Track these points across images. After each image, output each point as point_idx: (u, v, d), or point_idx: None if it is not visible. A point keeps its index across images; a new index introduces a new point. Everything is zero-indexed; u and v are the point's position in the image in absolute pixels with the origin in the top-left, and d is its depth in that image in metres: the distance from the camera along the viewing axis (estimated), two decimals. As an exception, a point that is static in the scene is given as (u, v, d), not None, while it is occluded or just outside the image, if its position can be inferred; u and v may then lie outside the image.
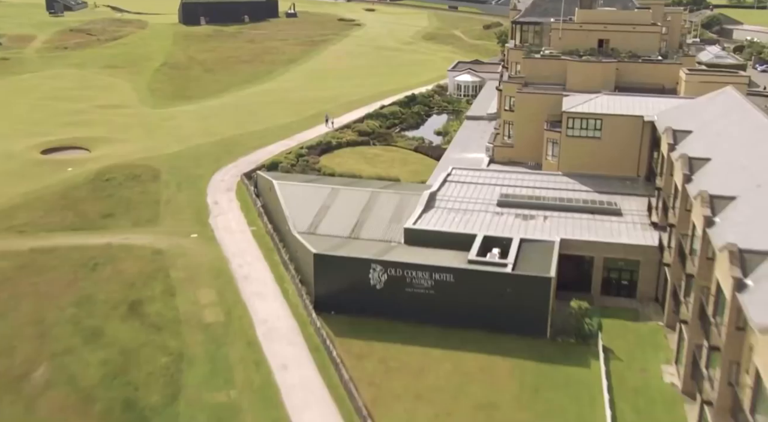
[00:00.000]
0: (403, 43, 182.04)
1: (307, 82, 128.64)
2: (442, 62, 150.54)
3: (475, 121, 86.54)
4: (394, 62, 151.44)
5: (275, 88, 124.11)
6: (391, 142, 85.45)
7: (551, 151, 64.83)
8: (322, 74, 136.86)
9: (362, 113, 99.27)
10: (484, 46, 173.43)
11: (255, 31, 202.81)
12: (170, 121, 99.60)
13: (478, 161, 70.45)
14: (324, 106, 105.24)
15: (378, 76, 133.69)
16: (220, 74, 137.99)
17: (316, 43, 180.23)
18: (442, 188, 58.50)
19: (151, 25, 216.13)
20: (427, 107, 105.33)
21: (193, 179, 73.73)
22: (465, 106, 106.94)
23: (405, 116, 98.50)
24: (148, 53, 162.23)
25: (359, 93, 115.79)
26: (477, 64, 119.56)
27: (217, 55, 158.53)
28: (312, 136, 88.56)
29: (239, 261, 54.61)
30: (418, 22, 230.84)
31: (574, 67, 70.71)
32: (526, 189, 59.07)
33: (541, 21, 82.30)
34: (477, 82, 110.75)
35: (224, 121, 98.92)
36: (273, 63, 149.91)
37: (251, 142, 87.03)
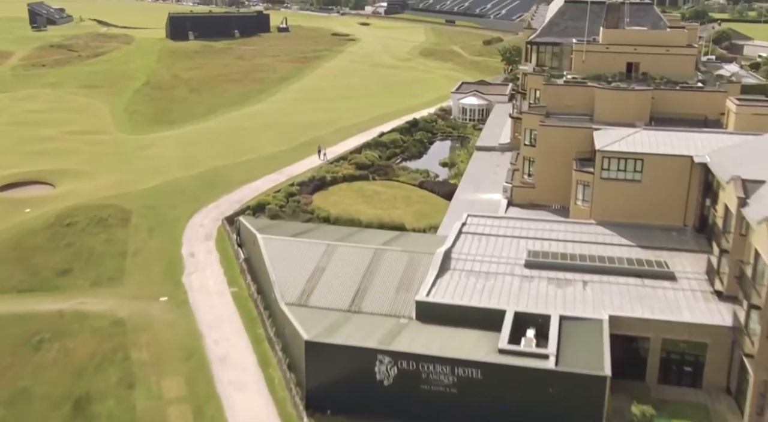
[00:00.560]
0: (400, 59, 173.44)
1: (299, 104, 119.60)
2: (443, 81, 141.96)
3: (487, 152, 77.54)
4: (392, 81, 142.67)
5: (265, 110, 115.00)
6: (393, 177, 76.34)
7: (581, 195, 55.79)
8: (316, 94, 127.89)
9: (359, 141, 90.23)
10: (485, 63, 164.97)
11: (245, 46, 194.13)
12: (148, 150, 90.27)
13: (494, 204, 61.35)
14: (317, 132, 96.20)
15: (375, 97, 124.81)
16: (206, 94, 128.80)
17: (309, 59, 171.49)
18: (457, 242, 49.30)
19: (137, 40, 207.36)
20: (430, 133, 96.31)
21: (168, 223, 64.37)
22: (471, 131, 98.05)
23: (406, 144, 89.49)
24: (131, 71, 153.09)
25: (355, 116, 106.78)
26: (482, 85, 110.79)
27: (204, 73, 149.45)
28: (304, 168, 79.36)
29: (216, 335, 45.22)
30: (414, 37, 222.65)
31: (603, 95, 61.77)
32: (557, 243, 49.96)
33: (560, 41, 73.53)
34: (484, 105, 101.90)
35: (207, 149, 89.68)
36: (263, 82, 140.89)
37: (236, 175, 77.80)
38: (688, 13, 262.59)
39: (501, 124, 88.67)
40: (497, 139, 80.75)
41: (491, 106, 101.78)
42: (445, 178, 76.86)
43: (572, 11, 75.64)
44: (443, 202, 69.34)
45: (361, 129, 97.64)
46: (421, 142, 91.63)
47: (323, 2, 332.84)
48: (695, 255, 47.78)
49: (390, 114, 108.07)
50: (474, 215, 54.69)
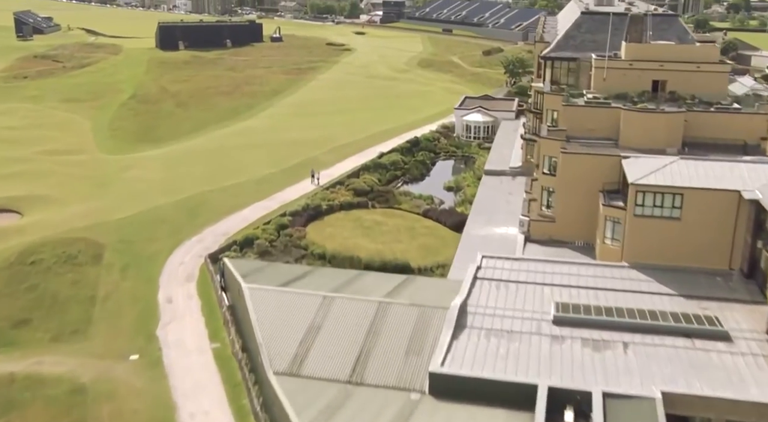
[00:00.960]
0: (397, 70, 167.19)
1: (292, 119, 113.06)
2: (443, 94, 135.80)
3: (496, 176, 71.06)
4: (390, 93, 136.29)
5: (255, 127, 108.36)
6: (394, 204, 69.75)
7: (611, 233, 49.29)
8: (310, 109, 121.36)
9: (357, 162, 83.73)
10: (486, 75, 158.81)
11: (237, 57, 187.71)
12: (128, 172, 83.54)
13: (510, 240, 54.81)
14: (311, 152, 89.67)
15: (372, 112, 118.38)
16: (195, 109, 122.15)
17: (303, 71, 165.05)
18: (473, 292, 42.65)
19: (126, 50, 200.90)
20: (433, 153, 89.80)
21: (145, 260, 57.64)
22: (476, 150, 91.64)
23: (408, 166, 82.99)
24: (117, 83, 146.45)
25: (352, 133, 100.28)
26: (487, 100, 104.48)
27: (193, 86, 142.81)
28: (296, 194, 72.80)
29: (192, 407, 38.50)
30: (411, 46, 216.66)
31: (630, 118, 55.40)
32: (587, 291, 43.41)
33: (577, 57, 67.17)
34: (489, 122, 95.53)
35: (193, 171, 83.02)
36: (255, 95, 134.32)
37: (223, 202, 71.15)
38: (688, 22, 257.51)
39: (510, 144, 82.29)
40: (507, 161, 74.30)
41: (497, 123, 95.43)
42: (452, 206, 70.23)
43: (589, 23, 69.36)
44: (450, 234, 62.86)
45: (358, 148, 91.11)
46: (423, 163, 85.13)
47: (317, 11, 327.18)
48: (748, 307, 41.34)
49: (389, 131, 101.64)
50: (489, 256, 48.04)
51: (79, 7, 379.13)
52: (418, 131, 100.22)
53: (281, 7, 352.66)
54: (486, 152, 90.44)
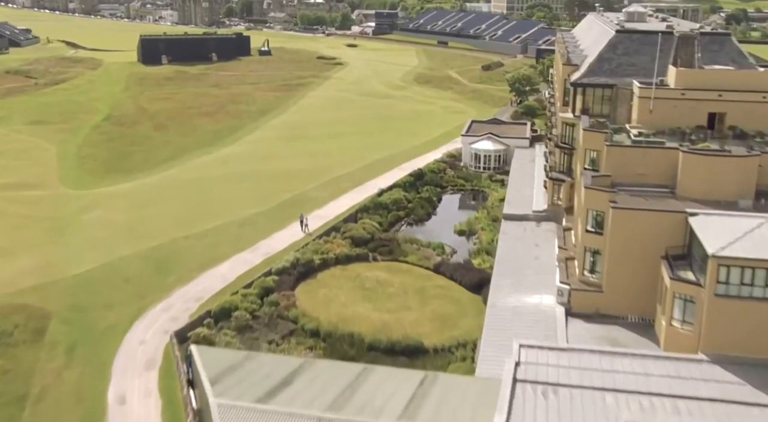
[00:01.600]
0: (393, 87, 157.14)
1: (280, 145, 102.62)
2: (444, 114, 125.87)
3: (517, 222, 60.75)
4: (386, 114, 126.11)
5: (239, 154, 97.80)
6: (399, 255, 59.38)
7: (680, 313, 39.03)
8: (299, 132, 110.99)
9: (354, 200, 73.41)
10: (488, 92, 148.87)
11: (222, 72, 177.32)
12: (91, 212, 72.84)
13: (547, 314, 44.45)
14: (301, 186, 79.35)
15: (368, 135, 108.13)
16: (174, 132, 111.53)
17: (293, 87, 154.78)
18: (514, 405, 32.26)
19: (105, 64, 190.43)
20: (439, 187, 79.49)
21: (98, 337, 47.03)
22: (487, 183, 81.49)
23: (412, 205, 72.63)
24: (91, 102, 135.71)
25: (347, 162, 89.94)
26: (496, 125, 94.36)
27: (174, 105, 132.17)
28: (284, 242, 62.33)
29: None
30: (406, 60, 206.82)
31: (691, 162, 45.34)
32: (661, 400, 33.10)
33: (614, 83, 57.12)
34: (501, 151, 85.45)
35: (165, 211, 72.44)
36: (240, 116, 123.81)
37: (198, 253, 60.66)
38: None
39: (528, 179, 72.09)
40: (529, 203, 64.03)
41: (510, 151, 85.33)
42: (467, 258, 59.76)
43: (627, 44, 59.36)
44: (468, 297, 52.69)
45: (354, 181, 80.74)
46: (429, 200, 74.82)
47: (308, 22, 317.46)
48: None
49: (388, 160, 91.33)
50: (529, 345, 37.63)
51: (62, 19, 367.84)
52: (420, 160, 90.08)
53: (270, 18, 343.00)
54: (498, 185, 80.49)
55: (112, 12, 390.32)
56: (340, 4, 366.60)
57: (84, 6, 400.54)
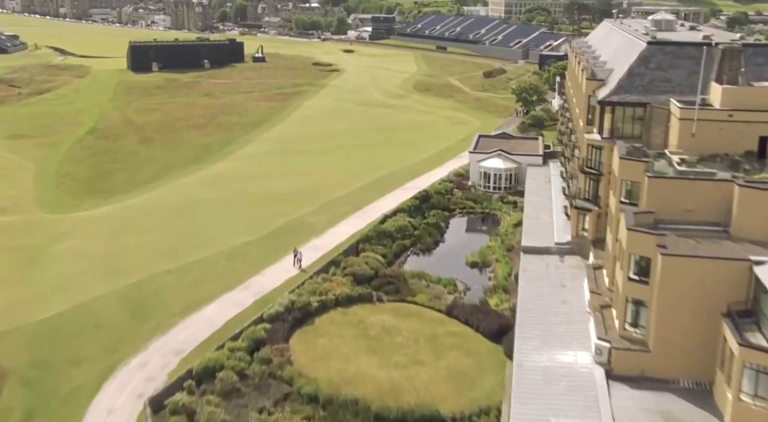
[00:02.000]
0: (392, 95, 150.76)
1: (273, 161, 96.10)
2: (446, 125, 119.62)
3: (538, 256, 54.30)
4: (386, 125, 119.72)
5: (230, 172, 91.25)
6: (407, 295, 52.89)
7: (752, 386, 32.61)
8: (294, 146, 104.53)
9: (354, 226, 66.96)
10: (491, 101, 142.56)
11: (215, 79, 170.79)
12: (65, 242, 66.25)
13: (585, 378, 37.93)
14: (296, 209, 72.90)
15: (367, 149, 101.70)
16: (161, 147, 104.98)
17: (287, 96, 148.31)
18: None
19: (93, 72, 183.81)
20: (446, 211, 73.07)
21: (59, 404, 40.46)
22: (498, 205, 75.09)
23: (418, 232, 66.13)
24: (75, 114, 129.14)
25: (345, 181, 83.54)
26: (506, 140, 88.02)
27: (163, 117, 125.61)
28: (278, 279, 55.80)
29: None
30: (404, 66, 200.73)
31: (750, 197, 39.01)
32: None
33: (647, 101, 50.81)
34: (512, 169, 79.05)
35: (147, 240, 65.90)
36: (231, 128, 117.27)
37: (181, 293, 54.16)
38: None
39: (545, 203, 65.71)
40: (549, 234, 57.61)
41: (522, 170, 78.98)
42: (482, 297, 53.25)
43: (660, 57, 53.07)
44: (487, 348, 46.31)
45: (354, 204, 74.24)
46: (437, 226, 68.33)
47: (303, 27, 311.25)
48: None
49: (389, 178, 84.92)
50: None
51: (53, 24, 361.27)
52: (424, 178, 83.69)
53: (265, 23, 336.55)
54: (510, 207, 74.13)
55: (104, 17, 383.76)
56: (336, 9, 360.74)
57: (75, 11, 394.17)
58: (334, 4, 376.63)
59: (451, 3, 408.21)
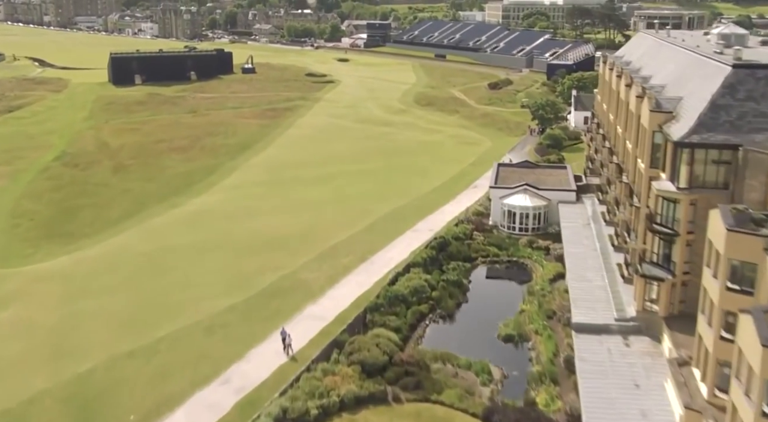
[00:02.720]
0: (392, 111, 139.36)
1: (263, 193, 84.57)
2: (455, 145, 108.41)
3: (595, 336, 42.88)
4: (388, 146, 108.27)
5: (213, 206, 79.63)
6: (431, 392, 41.30)
7: None
8: (286, 174, 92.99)
9: (359, 286, 55.36)
10: (500, 116, 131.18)
11: (201, 93, 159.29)
12: (7, 310, 54.51)
13: None
14: (289, 261, 61.34)
15: (369, 177, 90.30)
16: (137, 176, 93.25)
17: (279, 113, 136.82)
18: None
19: (72, 86, 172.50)
20: (467, 261, 61.49)
21: None
22: (527, 251, 63.67)
23: (436, 292, 54.57)
24: (46, 135, 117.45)
25: (345, 221, 72.12)
26: (529, 169, 76.66)
27: (142, 139, 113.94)
28: (265, 370, 44.00)
29: None
30: (403, 76, 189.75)
31: None
32: None
33: (738, 143, 39.53)
34: (541, 207, 67.63)
35: (107, 305, 54.22)
36: (217, 151, 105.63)
37: (140, 388, 42.50)
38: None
39: (590, 258, 54.34)
40: (604, 303, 46.24)
41: (552, 208, 67.65)
42: (528, 398, 41.58)
43: (752, 85, 41.83)
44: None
45: (358, 253, 62.66)
46: (458, 284, 56.71)
47: (295, 34, 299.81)
48: None
49: (397, 215, 73.49)
50: None
51: (36, 33, 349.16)
52: (437, 217, 72.34)
53: (256, 30, 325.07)
54: (541, 254, 62.78)
55: (90, 25, 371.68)
56: (329, 15, 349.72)
57: (60, 19, 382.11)
58: (327, 10, 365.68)
59: (446, 8, 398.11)
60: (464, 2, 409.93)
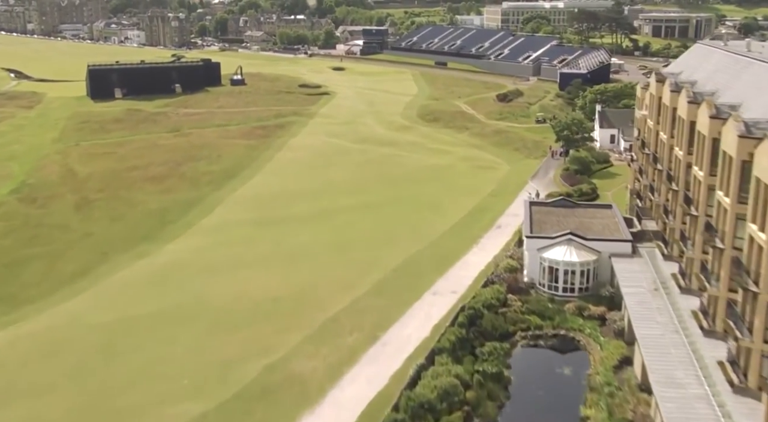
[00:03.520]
0: (395, 127, 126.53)
1: (248, 236, 71.65)
2: (469, 171, 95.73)
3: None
4: (393, 173, 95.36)
5: (189, 255, 66.71)
6: None
7: None
8: (277, 210, 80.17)
9: (368, 384, 42.49)
10: (514, 133, 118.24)
11: (185, 108, 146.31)
12: None
13: None
14: (277, 339, 48.62)
15: (373, 213, 77.56)
16: (102, 214, 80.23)
17: (270, 130, 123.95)
18: None
19: (47, 101, 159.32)
20: (504, 338, 48.48)
21: None
22: (577, 322, 50.78)
23: (471, 392, 41.55)
24: (6, 161, 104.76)
25: (347, 275, 59.43)
26: (568, 209, 63.71)
27: (114, 165, 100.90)
28: None
29: None
30: (403, 87, 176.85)
31: None
32: None
33: None
34: (590, 263, 54.66)
35: (38, 414, 41.01)
36: (198, 181, 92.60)
37: None
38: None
39: (675, 345, 41.37)
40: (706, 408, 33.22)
41: (603, 263, 54.72)
42: None
43: None
44: None
45: (365, 330, 49.71)
46: (497, 376, 43.69)
47: (288, 41, 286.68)
48: None
49: (410, 269, 60.67)
50: None
51: (18, 41, 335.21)
52: (460, 271, 59.41)
53: (247, 37, 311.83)
54: (595, 326, 49.89)
55: (75, 33, 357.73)
56: (323, 20, 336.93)
57: (44, 27, 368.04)
58: (321, 16, 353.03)
59: (443, 12, 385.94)
60: (461, 6, 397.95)
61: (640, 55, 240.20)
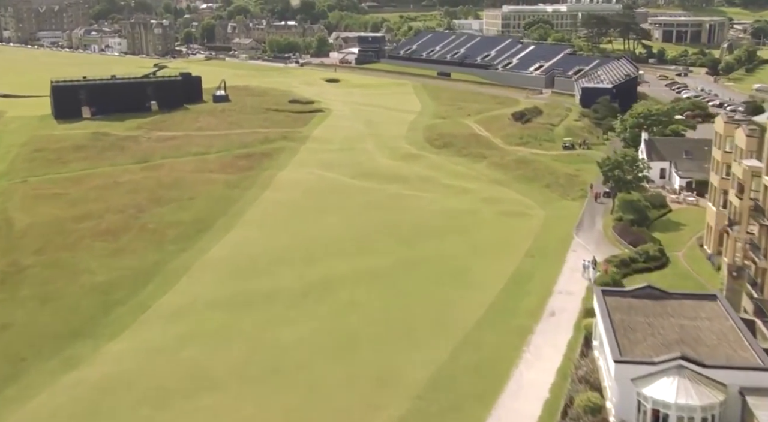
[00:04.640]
0: (400, 155, 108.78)
1: (217, 332, 53.61)
2: (494, 218, 78.35)
3: None
4: (403, 223, 77.38)
5: (134, 365, 48.62)
6: None
7: None
8: (258, 283, 62.31)
9: None
10: (542, 165, 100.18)
11: (159, 132, 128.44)
12: None
13: None
14: None
15: (381, 287, 59.99)
16: (28, 294, 61.88)
17: (254, 161, 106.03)
18: None
19: (6, 120, 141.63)
20: None
21: None
22: None
23: None
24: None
25: (352, 398, 41.70)
26: (655, 302, 45.51)
27: (62, 212, 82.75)
28: None
29: None
30: (405, 102, 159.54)
31: None
32: None
33: None
34: (714, 406, 36.64)
35: None
36: (163, 236, 74.51)
37: None
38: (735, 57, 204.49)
39: None
40: None
41: (731, 403, 36.70)
42: None
43: None
44: None
45: None
46: None
47: (278, 49, 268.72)
48: None
49: (441, 393, 42.70)
50: None
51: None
52: (512, 400, 41.70)
53: (235, 44, 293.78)
54: None
55: (54, 41, 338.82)
56: (315, 26, 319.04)
57: (21, 34, 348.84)
58: (313, 22, 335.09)
59: (440, 17, 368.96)
60: (459, 10, 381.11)
61: (654, 63, 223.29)
